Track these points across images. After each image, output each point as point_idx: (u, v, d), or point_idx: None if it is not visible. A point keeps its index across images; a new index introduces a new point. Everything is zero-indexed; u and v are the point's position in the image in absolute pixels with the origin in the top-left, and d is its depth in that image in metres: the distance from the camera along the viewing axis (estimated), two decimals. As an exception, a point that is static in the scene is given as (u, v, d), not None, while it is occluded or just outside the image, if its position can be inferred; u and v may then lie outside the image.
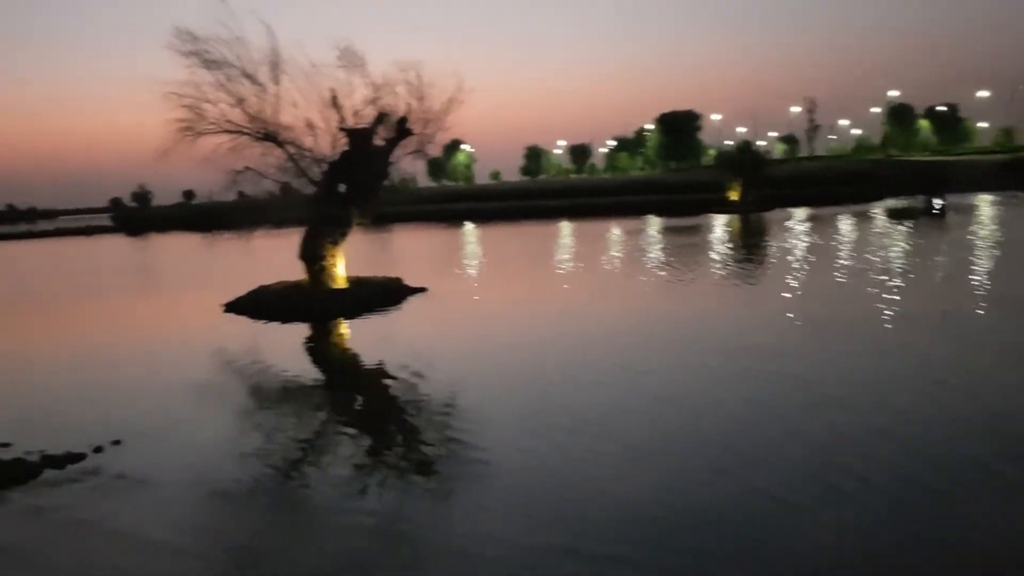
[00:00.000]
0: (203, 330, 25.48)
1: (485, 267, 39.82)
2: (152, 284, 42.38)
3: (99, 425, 14.36)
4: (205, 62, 27.91)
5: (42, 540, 9.76)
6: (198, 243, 51.73)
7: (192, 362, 20.27)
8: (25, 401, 17.11)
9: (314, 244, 28.82)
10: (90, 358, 21.80)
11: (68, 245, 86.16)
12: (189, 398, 16.82)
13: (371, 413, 15.97)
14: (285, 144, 28.96)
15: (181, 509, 10.68)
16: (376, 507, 10.48)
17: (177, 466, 12.22)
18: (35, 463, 12.35)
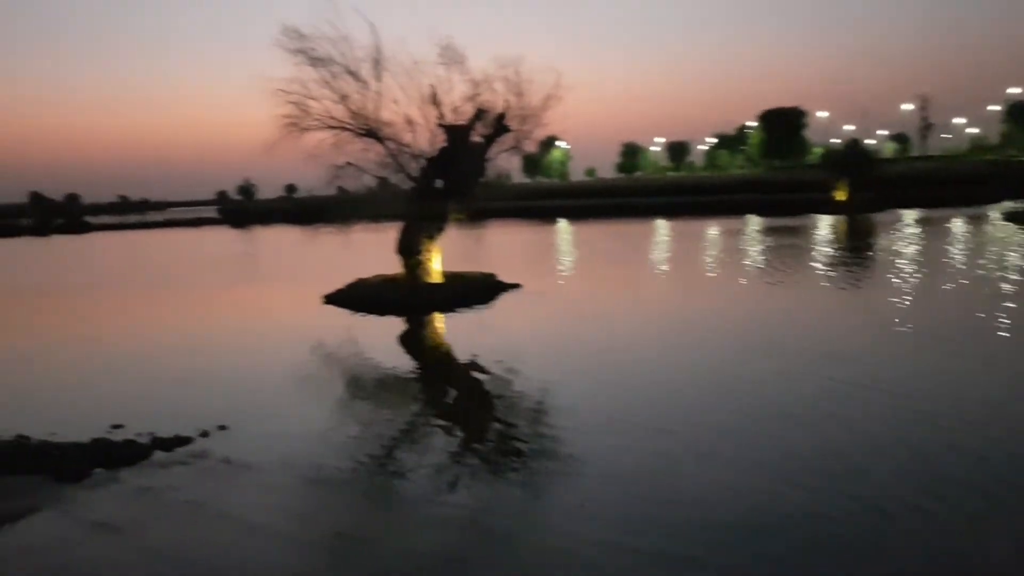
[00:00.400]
0: (303, 321, 26.16)
1: (579, 265, 39.66)
2: (255, 275, 43.79)
3: (206, 410, 14.88)
4: (311, 59, 28.67)
5: (151, 520, 10.12)
6: (299, 236, 53.26)
7: (293, 352, 20.83)
8: (136, 385, 17.87)
9: (411, 239, 29.24)
10: (198, 345, 22.65)
11: (177, 236, 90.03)
12: (290, 386, 17.31)
13: (464, 407, 16.07)
14: (385, 140, 29.46)
15: (281, 494, 10.95)
16: (468, 501, 10.54)
17: (278, 452, 12.55)
18: (145, 445, 12.88)
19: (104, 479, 11.55)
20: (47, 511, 10.38)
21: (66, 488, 11.13)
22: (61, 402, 16.48)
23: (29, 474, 11.60)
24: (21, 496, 10.78)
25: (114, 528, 9.82)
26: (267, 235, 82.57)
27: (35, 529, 9.88)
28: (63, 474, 11.54)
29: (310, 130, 29.28)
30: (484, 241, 48.39)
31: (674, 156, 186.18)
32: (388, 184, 31.22)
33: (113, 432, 13.65)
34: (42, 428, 13.82)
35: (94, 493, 11.02)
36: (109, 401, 16.20)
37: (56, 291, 39.05)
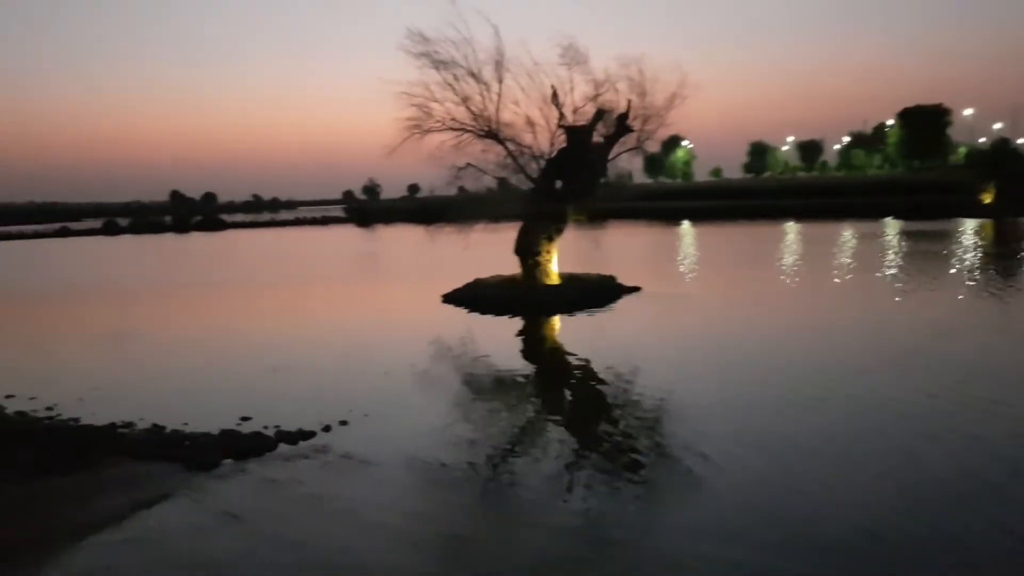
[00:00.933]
0: (422, 319, 26.58)
1: (702, 268, 38.67)
2: (377, 273, 44.95)
3: (328, 405, 15.29)
4: (434, 62, 29.14)
5: (276, 512, 10.44)
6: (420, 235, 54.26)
7: (412, 349, 21.16)
8: (263, 378, 18.54)
9: (530, 239, 29.26)
10: (322, 340, 23.35)
11: (305, 234, 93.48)
12: (408, 384, 17.63)
13: (580, 410, 15.93)
14: (505, 141, 29.62)
15: (399, 491, 11.13)
16: (583, 508, 10.38)
17: (396, 449, 12.77)
18: (271, 438, 13.34)
19: (232, 470, 12.01)
20: (179, 498, 10.87)
21: (197, 477, 11.64)
22: (194, 393, 17.31)
23: (163, 462, 12.18)
24: (156, 483, 11.32)
25: (242, 518, 10.18)
26: (390, 234, 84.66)
27: (168, 516, 10.35)
28: (195, 463, 12.07)
29: (432, 132, 29.79)
30: (604, 243, 47.86)
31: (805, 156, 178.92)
32: (508, 185, 31.38)
33: (241, 424, 14.23)
34: (175, 418, 14.57)
35: (223, 483, 11.47)
36: (238, 393, 16.88)
37: (193, 286, 41.20)
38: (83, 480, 11.18)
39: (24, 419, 15.36)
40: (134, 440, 13.34)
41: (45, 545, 9.16)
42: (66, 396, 16.77)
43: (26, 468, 11.19)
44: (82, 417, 15.17)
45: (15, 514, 9.93)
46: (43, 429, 14.35)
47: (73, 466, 11.54)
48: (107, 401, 16.37)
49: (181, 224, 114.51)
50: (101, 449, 12.56)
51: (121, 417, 14.85)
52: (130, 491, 10.94)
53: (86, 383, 18.24)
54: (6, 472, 11.06)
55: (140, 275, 48.85)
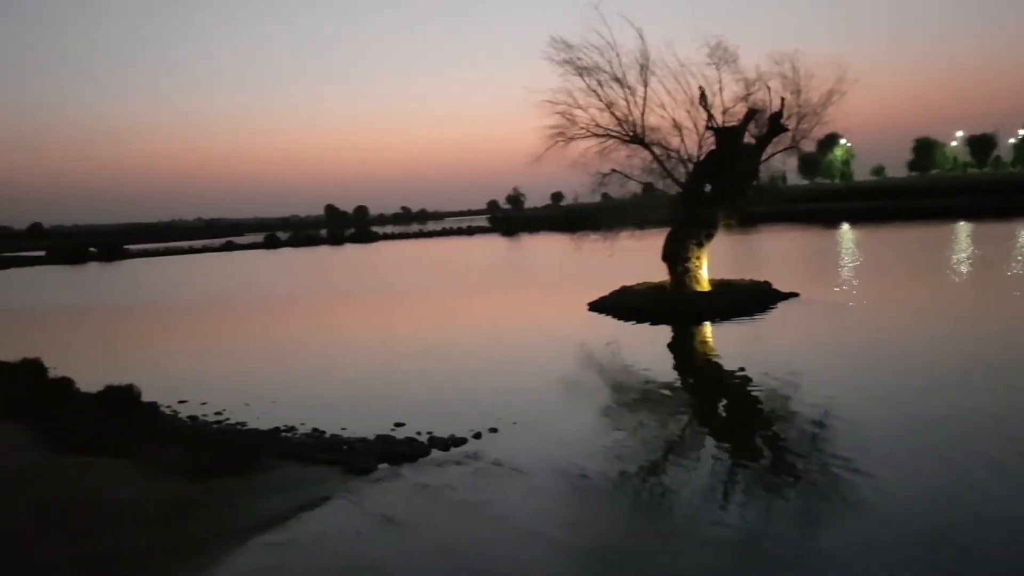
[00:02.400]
0: (569, 327, 26.47)
1: (864, 273, 36.54)
2: (523, 282, 45.31)
3: (478, 412, 15.43)
4: (578, 69, 29.12)
5: (431, 517, 10.58)
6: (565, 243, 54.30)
7: (559, 357, 21.10)
8: (415, 385, 18.96)
9: (678, 245, 28.62)
10: (470, 348, 23.67)
11: (451, 244, 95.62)
12: (557, 392, 17.56)
13: (735, 421, 15.41)
14: (651, 145, 29.19)
15: (549, 500, 11.05)
16: (740, 522, 9.96)
17: (546, 457, 12.69)
18: (424, 444, 13.57)
19: (388, 474, 12.28)
20: (339, 501, 11.19)
21: (355, 481, 11.96)
22: (350, 399, 17.88)
23: (323, 465, 12.60)
24: (317, 486, 11.70)
25: (398, 522, 10.37)
26: (534, 242, 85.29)
27: (328, 518, 10.66)
28: (353, 467, 12.41)
29: (576, 139, 29.78)
30: (757, 248, 46.28)
31: (976, 151, 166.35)
32: (654, 190, 30.88)
33: (395, 430, 14.55)
34: (334, 423, 15.09)
35: (379, 487, 11.74)
36: (391, 399, 17.32)
37: (348, 296, 42.87)
38: (250, 481, 11.70)
39: (196, 423, 16.34)
40: (296, 444, 13.89)
41: (218, 542, 9.62)
42: (233, 401, 17.70)
43: (202, 469, 11.82)
44: (248, 421, 15.98)
45: (193, 511, 10.49)
46: (213, 432, 15.20)
47: (242, 468, 12.10)
48: (270, 406, 17.16)
49: (336, 237, 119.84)
50: (266, 452, 13.13)
51: (284, 422, 15.54)
52: (293, 493, 11.35)
53: (251, 389, 19.21)
54: (185, 472, 11.72)
55: (299, 286, 51.38)
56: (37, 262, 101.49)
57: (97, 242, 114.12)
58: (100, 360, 25.24)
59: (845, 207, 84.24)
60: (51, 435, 13.91)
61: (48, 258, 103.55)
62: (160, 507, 10.49)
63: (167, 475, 11.65)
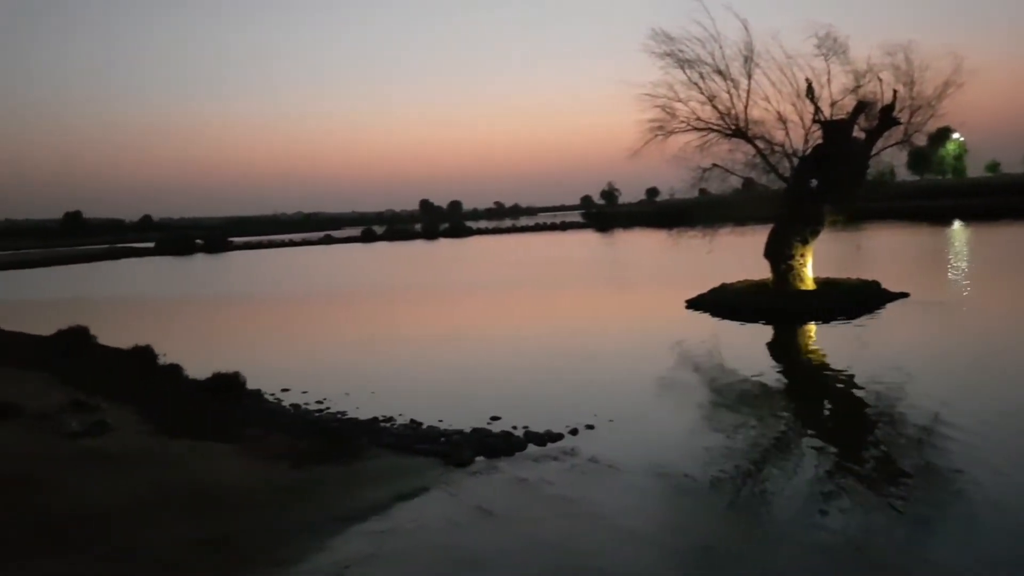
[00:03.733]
0: (666, 325, 26.03)
1: (978, 273, 34.74)
2: (618, 278, 44.87)
3: (574, 408, 15.28)
4: (679, 61, 28.58)
5: (528, 511, 10.52)
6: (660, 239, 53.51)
7: (656, 355, 20.77)
8: (511, 379, 18.99)
9: (781, 242, 27.76)
10: (566, 344, 23.49)
11: (545, 239, 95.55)
12: (653, 390, 17.30)
13: (839, 424, 14.90)
14: (754, 139, 28.44)
15: (646, 498, 10.89)
16: (843, 526, 9.62)
17: (642, 455, 12.51)
18: (520, 438, 13.52)
19: (485, 467, 12.28)
20: (437, 492, 11.24)
21: (453, 472, 12.00)
22: (446, 392, 17.97)
23: (421, 456, 12.67)
24: (415, 476, 11.78)
25: (495, 515, 10.35)
26: (629, 238, 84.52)
27: (427, 508, 10.72)
28: (450, 459, 12.45)
29: (675, 133, 29.25)
30: (865, 245, 44.47)
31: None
32: (756, 185, 30.06)
33: (491, 424, 14.56)
34: (431, 415, 15.19)
35: (476, 479, 11.75)
36: (487, 393, 17.33)
37: (443, 289, 43.31)
38: (351, 469, 11.86)
39: (298, 411, 16.71)
40: (394, 434, 14.04)
41: (321, 528, 9.78)
42: (334, 391, 18.02)
43: (305, 455, 12.07)
44: (348, 411, 16.25)
45: (296, 497, 10.69)
46: (315, 420, 15.50)
47: (342, 456, 12.29)
48: (369, 396, 17.41)
49: (430, 231, 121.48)
50: (366, 441, 13.30)
51: (382, 412, 15.73)
52: (390, 483, 11.44)
53: (351, 379, 19.56)
54: (288, 458, 11.97)
55: (395, 279, 52.24)
56: (147, 253, 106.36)
57: (203, 234, 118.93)
58: (206, 348, 26.16)
59: (957, 204, 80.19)
60: (163, 419, 14.46)
61: (157, 249, 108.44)
62: (265, 491, 10.74)
63: (271, 461, 11.93)
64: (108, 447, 12.18)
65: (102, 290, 56.45)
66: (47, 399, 15.35)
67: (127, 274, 74.39)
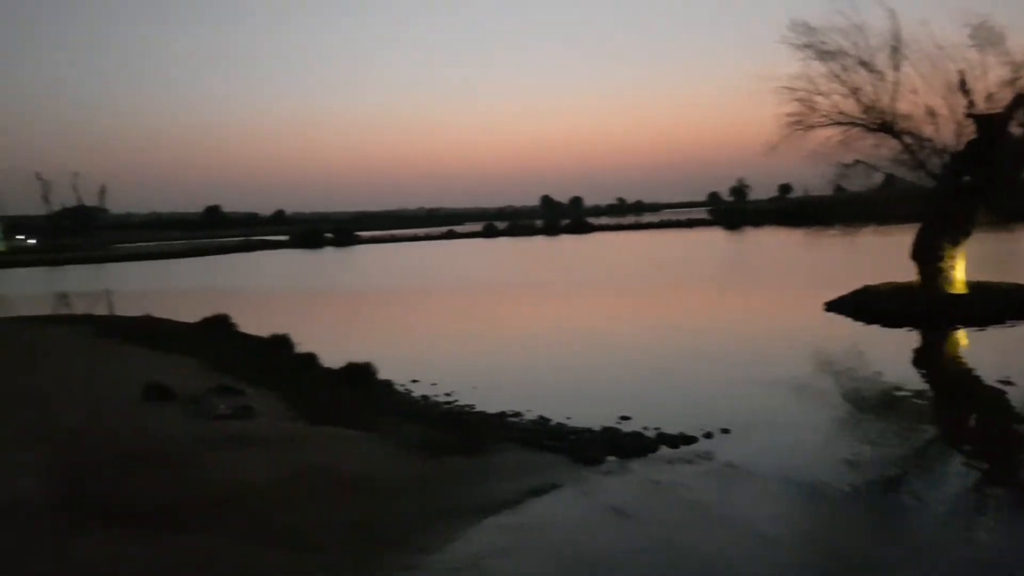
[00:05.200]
0: (804, 328, 25.02)
1: None
2: (750, 278, 43.64)
3: (707, 411, 14.88)
4: (819, 53, 27.49)
5: (662, 513, 10.29)
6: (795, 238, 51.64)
7: (793, 359, 19.99)
8: (640, 378, 18.69)
9: (930, 243, 26.26)
10: (697, 344, 22.94)
11: (669, 236, 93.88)
12: (791, 395, 16.65)
13: (989, 436, 14.05)
14: (901, 134, 27.01)
15: (785, 506, 10.52)
16: (991, 544, 9.19)
17: (781, 462, 12.06)
18: (652, 439, 13.25)
19: (616, 467, 12.09)
20: (567, 490, 11.12)
21: (583, 471, 11.86)
22: (575, 389, 17.86)
23: (549, 453, 12.59)
24: (544, 472, 11.71)
25: (629, 516, 10.15)
26: (760, 237, 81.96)
27: (558, 506, 10.62)
28: (579, 457, 12.31)
29: (815, 127, 28.15)
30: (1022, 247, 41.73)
31: None
32: (901, 182, 28.54)
33: (621, 423, 14.33)
34: (559, 411, 15.10)
35: (607, 479, 11.57)
36: (616, 392, 17.10)
37: (567, 286, 43.21)
38: (482, 462, 11.91)
39: (427, 402, 16.96)
40: (523, 429, 14.03)
41: (454, 519, 9.84)
42: (461, 383, 18.20)
43: (438, 446, 12.19)
44: (476, 404, 16.35)
45: (430, 486, 10.82)
46: (444, 412, 15.69)
47: (473, 448, 12.35)
48: (496, 390, 17.50)
49: (551, 227, 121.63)
50: (495, 435, 13.32)
51: (510, 407, 15.74)
52: (521, 478, 11.40)
53: (478, 372, 19.75)
54: (422, 448, 12.12)
55: (517, 274, 52.56)
56: (280, 246, 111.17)
57: (332, 228, 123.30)
58: (337, 337, 26.95)
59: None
60: (303, 405, 14.96)
61: (290, 242, 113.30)
62: (402, 479, 10.91)
63: (406, 450, 12.10)
64: (254, 430, 12.67)
65: (239, 280, 59.32)
66: (197, 383, 16.15)
67: (262, 265, 77.92)
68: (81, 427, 12.71)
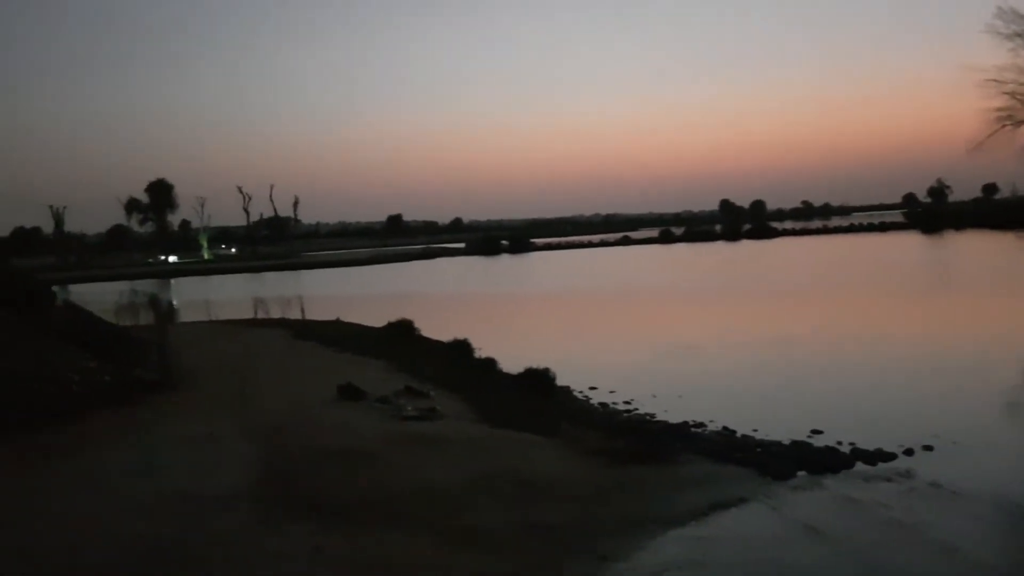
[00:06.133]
0: (1017, 339, 22.95)
1: None
2: (956, 284, 40.76)
3: (906, 426, 14.01)
4: (1032, 41, 25.11)
5: (861, 533, 9.73)
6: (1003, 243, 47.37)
7: (1007, 372, 18.48)
8: (833, 391, 17.80)
9: None
10: (897, 354, 21.61)
11: (860, 241, 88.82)
12: (1003, 411, 15.52)
13: None
14: None
15: (995, 530, 9.86)
16: None
17: (991, 483, 11.20)
18: (847, 455, 12.60)
19: (807, 483, 11.57)
20: (756, 504, 10.74)
21: (772, 485, 11.42)
22: (761, 400, 17.23)
23: (735, 465, 12.20)
24: (731, 485, 11.37)
25: (824, 534, 9.68)
26: (963, 241, 75.92)
27: (747, 519, 10.29)
28: (768, 471, 11.86)
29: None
30: None
31: None
32: None
33: (813, 437, 13.73)
34: (744, 423, 14.66)
35: (799, 495, 11.09)
36: (807, 405, 16.39)
37: (752, 293, 41.85)
38: (664, 472, 11.72)
39: (607, 409, 16.91)
40: (707, 440, 13.70)
41: (639, 528, 9.75)
42: (640, 392, 18.03)
43: (620, 454, 12.14)
44: (656, 413, 16.13)
45: (613, 494, 10.77)
46: (624, 420, 15.58)
47: (656, 458, 12.18)
48: (677, 400, 17.20)
49: (731, 232, 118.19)
50: (679, 446, 13.08)
51: (692, 417, 15.45)
52: (707, 490, 11.14)
53: (658, 381, 19.43)
54: (605, 455, 12.11)
55: (693, 280, 51.47)
56: (458, 253, 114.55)
57: (508, 235, 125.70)
58: (514, 343, 27.37)
59: None
60: (485, 409, 15.32)
61: (467, 249, 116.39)
62: (585, 486, 10.92)
63: (589, 456, 12.12)
64: (440, 431, 13.10)
65: (421, 286, 61.65)
66: (385, 384, 16.90)
67: (442, 271, 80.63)
68: (285, 424, 13.61)
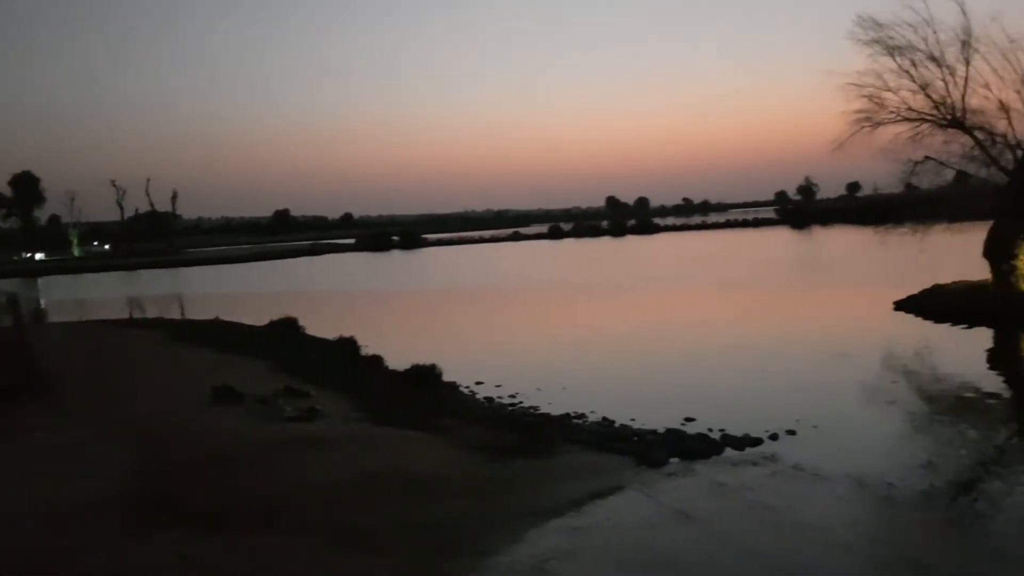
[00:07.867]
0: (872, 328, 24.57)
1: None
2: (820, 277, 42.98)
3: (771, 413, 14.71)
4: (888, 49, 27.05)
5: (728, 516, 10.21)
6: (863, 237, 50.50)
7: (862, 359, 19.63)
8: (703, 380, 18.53)
9: (1003, 241, 25.50)
10: (762, 346, 22.67)
11: (736, 237, 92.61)
12: (860, 396, 16.43)
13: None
14: (972, 130, 26.29)
15: (855, 509, 10.37)
16: None
17: (850, 464, 11.86)
18: (717, 441, 13.19)
19: (680, 469, 12.04)
20: (632, 492, 11.12)
21: (647, 472, 11.85)
22: (637, 391, 17.81)
23: (614, 454, 12.62)
24: (609, 474, 11.74)
25: (695, 519, 10.10)
26: (827, 236, 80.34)
27: (622, 507, 10.63)
28: (644, 459, 12.31)
29: (884, 124, 27.62)
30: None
31: None
32: (973, 179, 27.78)
33: (685, 425, 14.30)
34: (622, 413, 15.11)
35: (672, 481, 11.53)
36: (679, 394, 17.06)
37: (632, 287, 43.08)
38: (546, 464, 12.01)
39: (492, 404, 17.13)
40: (587, 431, 14.08)
41: (520, 520, 9.94)
42: (525, 385, 18.32)
43: (502, 448, 12.35)
44: (540, 406, 16.45)
45: (495, 488, 10.96)
46: (508, 414, 15.83)
47: (537, 450, 12.46)
48: (560, 392, 17.59)
49: (617, 228, 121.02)
50: (559, 437, 13.41)
51: (574, 408, 15.82)
52: (587, 479, 11.47)
53: (542, 374, 19.76)
54: (487, 450, 12.30)
55: (581, 275, 52.50)
56: (347, 249, 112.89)
57: (399, 231, 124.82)
58: (403, 340, 27.32)
59: None
60: (368, 407, 15.27)
61: (357, 245, 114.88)
62: (466, 481, 11.07)
63: (470, 451, 12.28)
64: (320, 432, 12.99)
65: (307, 283, 60.52)
66: (266, 385, 16.61)
67: (330, 268, 79.31)
68: (155, 428, 13.22)
